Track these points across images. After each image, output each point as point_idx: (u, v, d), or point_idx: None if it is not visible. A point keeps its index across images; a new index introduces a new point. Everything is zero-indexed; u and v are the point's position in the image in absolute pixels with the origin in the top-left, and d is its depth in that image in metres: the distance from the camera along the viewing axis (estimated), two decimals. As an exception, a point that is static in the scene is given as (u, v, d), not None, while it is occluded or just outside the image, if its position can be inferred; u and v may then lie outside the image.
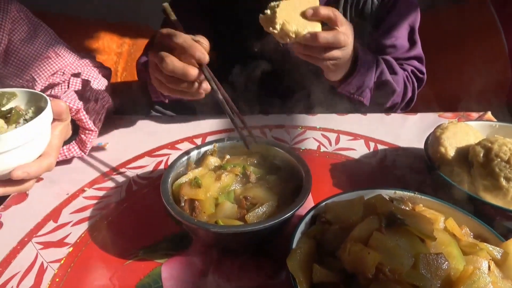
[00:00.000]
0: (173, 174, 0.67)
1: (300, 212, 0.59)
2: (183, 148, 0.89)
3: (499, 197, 0.62)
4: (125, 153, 0.88)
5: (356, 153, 0.88)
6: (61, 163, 0.84)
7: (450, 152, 0.69)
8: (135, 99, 1.06)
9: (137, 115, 1.04)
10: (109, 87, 0.96)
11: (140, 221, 0.70)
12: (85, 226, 0.68)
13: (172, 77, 0.68)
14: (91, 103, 0.84)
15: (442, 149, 0.69)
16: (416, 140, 0.87)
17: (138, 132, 0.97)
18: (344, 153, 0.88)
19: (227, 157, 0.73)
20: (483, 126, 0.82)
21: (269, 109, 1.04)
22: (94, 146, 0.89)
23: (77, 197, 0.75)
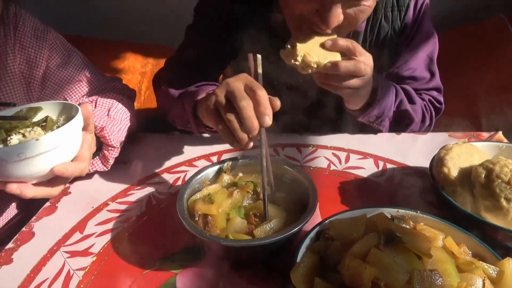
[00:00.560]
0: (189, 191, 0.72)
1: (306, 228, 0.63)
2: (200, 165, 0.94)
3: (500, 217, 0.64)
4: (146, 170, 0.94)
5: (365, 172, 0.91)
6: (87, 178, 0.91)
7: (453, 173, 0.71)
8: (156, 120, 1.13)
9: (158, 134, 1.10)
10: (133, 107, 1.03)
11: (158, 234, 0.75)
12: (108, 237, 0.74)
13: (234, 121, 0.64)
14: (115, 122, 0.91)
15: (445, 170, 0.72)
16: (425, 160, 0.89)
17: (158, 150, 1.03)
18: (353, 172, 0.91)
19: (240, 175, 0.77)
20: (490, 147, 0.84)
21: (284, 129, 1.08)
22: (117, 163, 0.96)
23: (101, 210, 0.82)
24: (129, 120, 0.98)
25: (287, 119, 1.08)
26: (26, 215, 0.96)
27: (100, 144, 0.88)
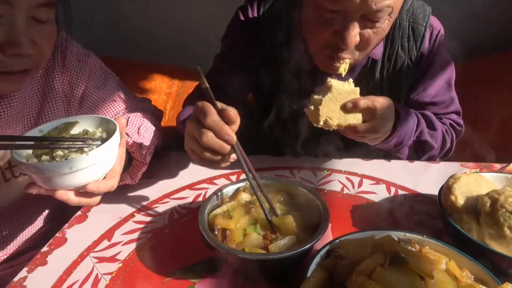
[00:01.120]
0: (210, 206, 0.78)
1: (317, 246, 0.68)
2: (220, 183, 1.01)
3: (503, 245, 0.67)
4: (169, 185, 1.01)
5: (377, 197, 0.95)
6: (116, 191, 0.98)
7: (460, 201, 0.75)
8: (179, 138, 1.20)
9: (181, 152, 1.17)
10: (160, 126, 1.11)
11: (179, 245, 0.80)
12: (133, 246, 0.80)
13: (207, 149, 0.72)
14: (145, 139, 0.98)
15: (453, 198, 0.76)
16: (436, 188, 0.92)
17: (181, 167, 1.09)
18: (366, 196, 0.96)
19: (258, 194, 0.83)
20: (499, 178, 0.87)
21: (300, 152, 1.14)
22: (143, 178, 1.03)
23: (128, 221, 0.88)
24: (156, 138, 1.05)
25: (305, 143, 1.14)
26: (58, 223, 1.04)
27: (130, 159, 0.96)
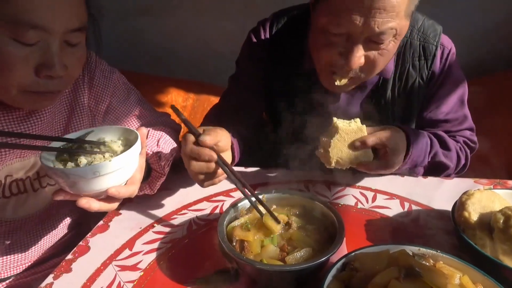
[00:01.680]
0: (228, 218, 0.80)
1: (333, 259, 0.69)
2: (236, 196, 1.03)
3: (517, 261, 0.68)
4: (187, 197, 1.04)
5: (391, 212, 0.97)
6: (136, 202, 1.02)
7: (473, 217, 0.76)
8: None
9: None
10: (178, 140, 1.14)
11: (198, 256, 0.83)
12: (154, 256, 0.83)
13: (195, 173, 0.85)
14: (163, 152, 1.02)
15: (466, 214, 0.77)
16: (450, 203, 0.93)
17: (199, 179, 1.13)
18: (380, 211, 0.97)
19: (273, 207, 0.85)
20: (512, 195, 0.88)
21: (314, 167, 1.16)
22: (162, 189, 1.06)
23: (148, 231, 0.91)
24: (175, 151, 1.09)
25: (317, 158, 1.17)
26: (78, 231, 1.08)
27: (149, 170, 0.99)
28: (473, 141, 1.20)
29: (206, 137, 0.81)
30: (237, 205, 0.84)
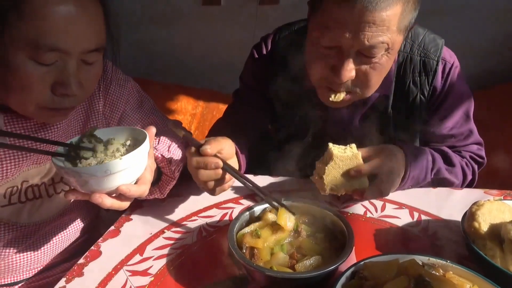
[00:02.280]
0: (238, 225, 0.81)
1: (342, 268, 0.70)
2: (245, 204, 1.04)
3: (528, 273, 0.67)
4: (197, 204, 1.05)
5: (400, 221, 0.97)
6: (147, 208, 1.03)
7: (483, 228, 0.76)
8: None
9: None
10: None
11: (207, 262, 0.84)
12: (164, 261, 0.84)
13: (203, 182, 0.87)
14: (174, 157, 1.03)
15: (476, 224, 0.77)
16: (459, 214, 0.93)
17: (209, 187, 1.14)
18: (389, 220, 0.97)
19: (283, 215, 0.86)
20: (523, 206, 0.87)
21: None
22: (172, 196, 1.07)
23: (158, 237, 0.92)
24: (184, 157, 1.10)
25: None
26: (89, 236, 1.09)
27: (159, 175, 1.00)
28: (481, 156, 1.18)
29: (207, 146, 0.84)
30: (247, 212, 0.85)
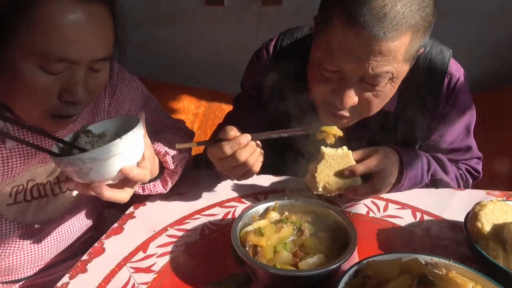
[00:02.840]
0: (241, 223, 0.82)
1: (345, 266, 0.70)
2: (248, 202, 1.05)
3: (531, 273, 0.68)
4: (200, 202, 1.05)
5: (403, 221, 0.97)
6: (150, 206, 1.03)
7: (486, 228, 0.76)
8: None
9: (210, 171, 1.22)
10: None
11: (210, 260, 0.84)
12: (167, 259, 0.84)
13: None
14: (176, 152, 1.03)
15: (479, 224, 0.77)
16: (462, 214, 0.93)
17: (212, 185, 1.14)
18: (391, 220, 0.97)
19: (286, 213, 0.86)
20: (526, 207, 0.87)
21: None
22: (175, 194, 1.08)
23: (161, 235, 0.93)
24: (187, 154, 1.11)
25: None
26: (93, 234, 1.10)
27: (162, 169, 1.00)
28: (477, 170, 1.18)
29: (228, 130, 0.85)
30: (250, 211, 0.86)
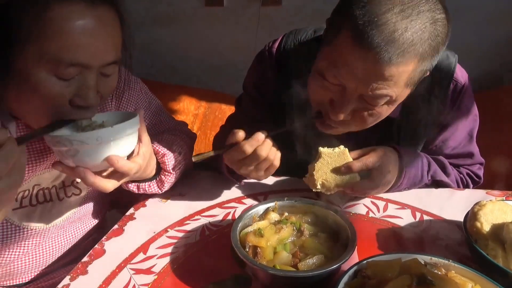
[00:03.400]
0: (241, 224, 0.82)
1: (345, 267, 0.70)
2: (248, 203, 1.05)
3: (530, 273, 0.68)
4: (200, 203, 1.06)
5: (402, 221, 0.97)
6: (151, 207, 1.04)
7: (486, 228, 0.77)
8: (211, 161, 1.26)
9: (211, 172, 1.22)
10: (192, 147, 1.17)
11: (210, 261, 0.84)
12: (167, 260, 0.85)
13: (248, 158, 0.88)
14: (175, 154, 1.02)
15: (478, 224, 0.77)
16: (461, 214, 0.93)
17: (211, 186, 1.14)
18: (391, 220, 0.98)
19: (286, 214, 0.86)
20: (525, 207, 0.88)
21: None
22: (175, 195, 1.08)
23: (162, 236, 0.93)
24: (188, 156, 1.11)
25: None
26: (98, 236, 1.10)
27: (159, 170, 1.00)
28: (478, 176, 1.18)
29: (239, 133, 0.88)
30: (250, 212, 0.86)
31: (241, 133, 0.87)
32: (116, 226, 0.97)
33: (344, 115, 0.87)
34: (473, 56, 2.10)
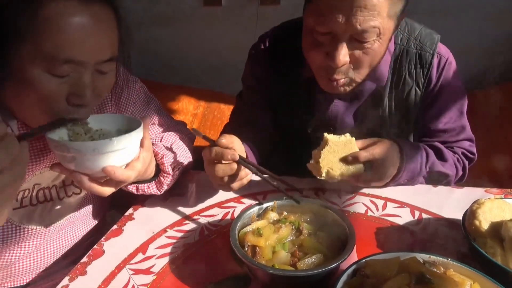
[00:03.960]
0: (240, 224, 0.82)
1: (344, 266, 0.70)
2: (247, 203, 1.05)
3: (528, 271, 0.68)
4: (199, 203, 1.06)
5: (401, 220, 0.97)
6: (149, 207, 1.04)
7: (484, 226, 0.77)
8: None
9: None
10: (192, 147, 1.17)
11: (209, 261, 0.84)
12: (166, 260, 0.85)
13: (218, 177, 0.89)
14: (174, 155, 1.03)
15: (477, 222, 0.77)
16: (460, 212, 0.93)
17: (211, 186, 1.13)
18: (390, 219, 0.98)
19: (284, 213, 0.86)
20: (524, 204, 0.88)
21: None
22: (174, 195, 1.08)
23: (161, 236, 0.93)
24: (187, 157, 1.11)
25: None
26: (98, 237, 1.10)
27: (158, 171, 1.00)
28: (472, 152, 1.20)
29: (222, 139, 0.88)
30: (249, 211, 0.86)
31: (224, 140, 0.88)
32: (115, 227, 0.97)
33: (342, 59, 0.93)
34: (473, 54, 2.10)
